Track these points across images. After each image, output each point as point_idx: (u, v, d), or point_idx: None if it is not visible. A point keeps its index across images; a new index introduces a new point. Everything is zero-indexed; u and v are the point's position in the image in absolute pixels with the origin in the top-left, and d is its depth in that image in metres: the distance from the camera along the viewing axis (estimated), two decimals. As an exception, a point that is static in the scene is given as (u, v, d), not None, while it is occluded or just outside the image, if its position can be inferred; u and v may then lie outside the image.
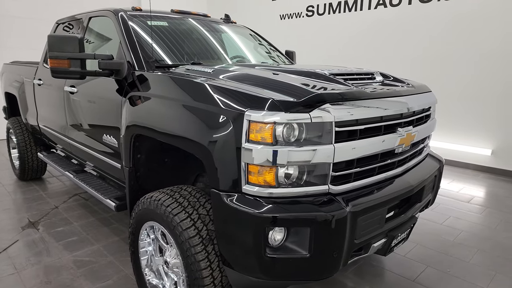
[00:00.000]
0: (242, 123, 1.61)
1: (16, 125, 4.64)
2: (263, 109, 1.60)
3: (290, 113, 1.59)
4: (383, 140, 1.89)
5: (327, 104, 1.66)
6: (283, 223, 1.60)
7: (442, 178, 5.24)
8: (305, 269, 1.69)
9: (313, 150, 1.62)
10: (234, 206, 1.64)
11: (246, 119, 1.60)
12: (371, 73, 2.36)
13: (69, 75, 2.38)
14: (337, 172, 1.73)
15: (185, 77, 2.06)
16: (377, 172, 1.96)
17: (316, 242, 1.63)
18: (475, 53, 5.38)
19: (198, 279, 1.81)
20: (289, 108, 1.60)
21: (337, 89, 1.85)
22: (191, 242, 1.81)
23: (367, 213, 1.78)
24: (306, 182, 1.70)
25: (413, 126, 2.12)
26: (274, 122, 1.57)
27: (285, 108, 1.59)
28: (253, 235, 1.61)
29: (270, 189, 1.64)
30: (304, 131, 1.62)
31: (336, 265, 1.72)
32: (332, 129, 1.65)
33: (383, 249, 2.05)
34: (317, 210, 1.61)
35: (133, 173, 2.39)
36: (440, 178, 2.58)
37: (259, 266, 1.66)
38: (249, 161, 1.62)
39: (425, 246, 3.21)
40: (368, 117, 1.81)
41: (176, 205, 1.93)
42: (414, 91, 2.27)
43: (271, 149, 1.58)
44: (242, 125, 1.61)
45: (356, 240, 1.76)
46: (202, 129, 1.78)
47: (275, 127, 1.58)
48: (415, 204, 2.23)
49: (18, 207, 4.07)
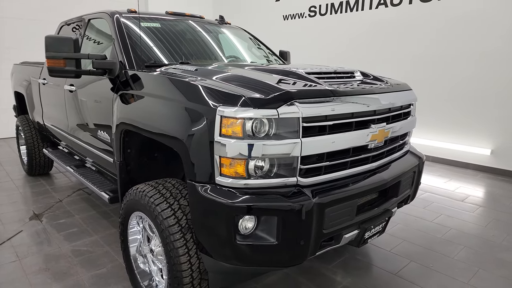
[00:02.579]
0: (215, 118, 1.73)
1: (24, 123, 4.86)
2: (234, 105, 1.71)
3: (259, 109, 1.70)
4: (354, 136, 1.98)
5: (295, 101, 1.76)
6: (251, 212, 1.71)
7: (439, 177, 5.32)
8: (274, 256, 1.79)
9: (281, 145, 1.73)
10: (207, 196, 1.76)
11: (219, 115, 1.72)
12: (351, 71, 2.44)
13: (65, 74, 2.53)
14: (305, 165, 1.83)
15: (166, 75, 2.19)
16: (349, 166, 2.05)
17: (283, 231, 1.73)
18: (475, 52, 5.38)
19: (177, 265, 1.93)
20: (258, 105, 1.71)
21: (308, 87, 1.94)
22: (171, 230, 1.94)
23: (336, 204, 1.87)
24: (276, 174, 1.80)
25: (388, 123, 2.20)
26: (244, 117, 1.68)
27: (254, 105, 1.70)
28: (224, 223, 1.73)
29: (241, 180, 1.75)
30: (273, 126, 1.73)
31: (304, 253, 1.82)
32: (299, 124, 1.75)
33: (356, 240, 2.14)
34: (283, 201, 1.72)
35: (123, 167, 2.53)
36: (420, 175, 2.64)
37: (230, 252, 1.77)
38: (222, 154, 1.73)
39: (411, 242, 3.27)
40: (338, 113, 1.90)
41: (158, 196, 2.06)
42: (391, 89, 2.35)
43: (242, 142, 1.69)
44: (214, 120, 1.73)
45: (324, 230, 1.86)
46: (179, 124, 1.91)
47: (245, 122, 1.69)
48: (390, 199, 2.30)
49: (25, 200, 4.28)
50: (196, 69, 2.28)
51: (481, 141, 5.53)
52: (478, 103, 5.48)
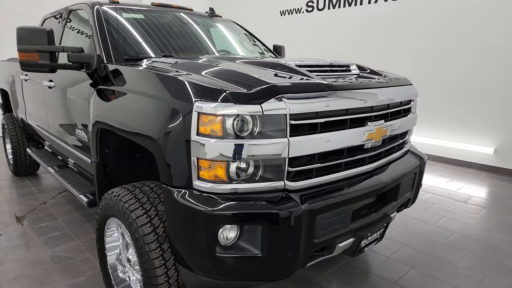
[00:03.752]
0: (191, 115, 1.54)
1: (10, 121, 4.68)
2: (213, 101, 1.52)
3: (240, 104, 1.51)
4: (348, 135, 1.79)
5: (282, 96, 1.57)
6: (231, 221, 1.52)
7: (440, 177, 5.13)
8: (259, 269, 1.61)
9: (266, 144, 1.54)
10: (183, 202, 1.57)
11: (196, 111, 1.53)
12: (347, 65, 2.25)
13: (39, 69, 2.34)
14: (294, 168, 1.64)
15: (140, 68, 1.99)
16: (344, 168, 1.86)
17: (268, 241, 1.55)
18: (478, 48, 5.18)
19: (152, 278, 1.75)
20: (240, 100, 1.52)
21: (297, 80, 1.75)
22: (146, 239, 1.75)
23: (328, 211, 1.68)
24: (262, 177, 1.62)
25: (386, 120, 2.01)
26: (224, 114, 1.49)
27: (235, 100, 1.51)
28: (201, 233, 1.54)
29: (221, 185, 1.56)
30: (257, 124, 1.54)
31: (292, 265, 1.63)
32: (287, 122, 1.56)
33: (351, 249, 1.96)
34: (268, 208, 1.53)
35: (101, 168, 2.34)
36: (421, 176, 2.45)
37: (209, 265, 1.59)
38: (199, 156, 1.54)
39: (412, 247, 3.08)
40: (330, 110, 1.71)
41: (134, 201, 1.87)
42: (390, 83, 2.15)
43: (222, 142, 1.50)
44: (191, 117, 1.54)
45: (315, 239, 1.67)
46: (152, 122, 1.72)
47: (225, 119, 1.50)
48: (389, 203, 2.12)
49: (8, 202, 4.09)
50: (176, 61, 2.09)
51: (484, 139, 5.34)
52: (481, 100, 5.28)
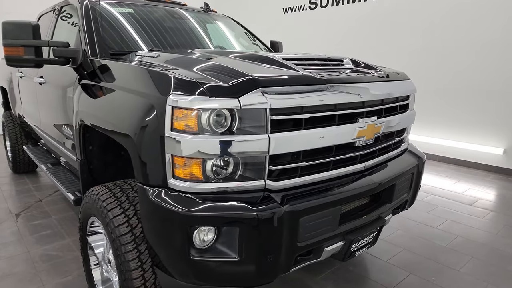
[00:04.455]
0: (165, 109, 1.45)
1: (9, 119, 4.67)
2: (187, 94, 1.43)
3: (216, 98, 1.41)
4: (337, 132, 1.68)
5: (262, 89, 1.47)
6: (207, 222, 1.43)
7: (445, 178, 4.96)
8: (237, 274, 1.51)
9: (245, 141, 1.44)
10: (156, 202, 1.49)
11: (169, 105, 1.44)
12: (340, 59, 2.14)
13: (24, 64, 2.28)
14: (275, 166, 1.54)
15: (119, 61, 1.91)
16: (332, 167, 1.75)
17: (246, 245, 1.45)
18: (487, 43, 4.99)
19: (128, 281, 1.67)
20: (216, 93, 1.42)
21: (281, 73, 1.65)
22: (122, 240, 1.67)
23: (313, 213, 1.58)
24: (241, 176, 1.52)
25: (379, 117, 1.89)
26: (199, 108, 1.40)
27: (211, 93, 1.42)
28: (175, 235, 1.46)
29: (197, 184, 1.47)
30: (235, 119, 1.44)
31: (273, 270, 1.53)
32: (267, 117, 1.46)
33: (340, 253, 1.85)
34: (245, 209, 1.43)
35: (85, 166, 2.28)
36: (420, 177, 2.32)
37: (184, 269, 1.50)
38: (174, 152, 1.45)
39: (412, 251, 2.95)
40: (316, 104, 1.60)
41: (112, 200, 1.79)
42: (384, 78, 2.04)
43: (197, 139, 1.41)
44: (164, 111, 1.45)
45: (299, 243, 1.57)
46: (126, 117, 1.64)
47: (201, 114, 1.41)
48: (383, 205, 2.00)
49: (5, 199, 4.07)
50: (158, 55, 2.01)
51: (493, 140, 5.15)
52: (491, 99, 5.09)
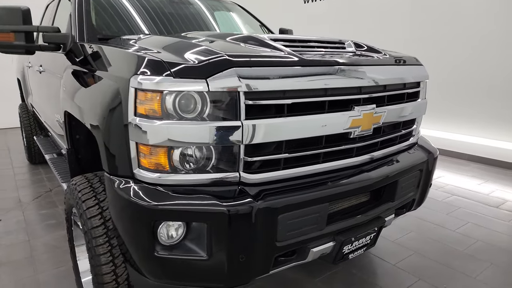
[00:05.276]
0: (128, 91, 1.33)
1: (24, 110, 4.76)
2: (150, 74, 1.30)
3: (182, 79, 1.27)
4: (325, 120, 1.50)
5: (235, 70, 1.31)
6: (171, 217, 1.30)
7: (471, 178, 4.59)
8: (206, 274, 1.38)
9: (214, 128, 1.29)
10: (119, 193, 1.38)
11: (132, 87, 1.32)
12: (341, 41, 1.94)
13: (14, 50, 2.24)
14: (253, 157, 1.38)
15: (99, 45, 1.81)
16: (322, 160, 1.58)
17: (214, 243, 1.31)
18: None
19: (99, 276, 1.57)
20: (182, 73, 1.28)
21: (261, 53, 1.49)
22: (93, 233, 1.58)
23: (295, 210, 1.42)
24: (215, 167, 1.38)
25: (379, 105, 1.69)
26: (163, 90, 1.27)
27: (177, 73, 1.28)
28: (139, 230, 1.34)
29: (164, 175, 1.34)
30: (206, 103, 1.30)
31: (247, 271, 1.39)
32: (240, 101, 1.31)
33: (331, 255, 1.67)
34: (213, 204, 1.29)
35: (72, 156, 2.21)
36: (430, 174, 2.09)
37: (150, 266, 1.38)
38: (139, 140, 1.33)
39: (424, 255, 2.70)
40: (301, 88, 1.43)
41: (88, 191, 1.71)
42: (389, 62, 1.82)
43: (162, 125, 1.28)
44: (127, 94, 1.33)
45: (278, 242, 1.41)
46: (95, 101, 1.53)
47: (165, 97, 1.28)
48: (383, 203, 1.80)
49: (16, 188, 4.15)
50: (139, 37, 1.90)
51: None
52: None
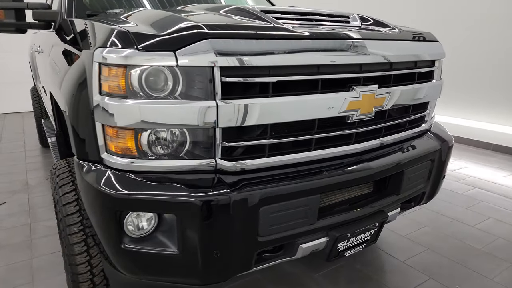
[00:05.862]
0: (92, 67, 1.19)
1: (34, 93, 4.78)
2: (115, 47, 1.16)
3: (149, 52, 1.12)
4: (316, 102, 1.32)
5: (210, 42, 1.15)
6: (137, 207, 1.17)
7: (497, 169, 4.25)
8: (179, 270, 1.25)
9: (184, 109, 1.15)
10: (86, 179, 1.26)
11: (95, 61, 1.18)
12: (345, 15, 1.73)
13: (4, 28, 2.16)
14: (231, 142, 1.23)
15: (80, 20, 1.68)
16: (314, 146, 1.40)
17: (185, 236, 1.18)
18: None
19: (73, 266, 1.48)
20: (149, 46, 1.13)
21: (245, 24, 1.31)
22: (67, 221, 1.48)
23: (279, 201, 1.26)
24: (190, 153, 1.24)
25: (381, 86, 1.48)
26: (126, 65, 1.12)
27: (142, 45, 1.13)
28: (104, 219, 1.22)
29: (133, 160, 1.21)
30: (178, 80, 1.15)
31: (224, 268, 1.25)
32: (215, 78, 1.15)
33: (324, 252, 1.51)
34: (182, 193, 1.15)
35: (61, 138, 2.12)
36: (443, 164, 1.87)
37: (118, 259, 1.27)
38: (103, 121, 1.20)
39: (437, 252, 2.50)
40: (289, 65, 1.26)
41: (66, 176, 1.61)
42: (397, 36, 1.61)
43: (126, 104, 1.14)
44: (91, 70, 1.20)
45: (260, 237, 1.27)
46: (63, 79, 1.41)
47: (130, 72, 1.13)
48: (386, 196, 1.61)
49: (25, 171, 4.18)
50: (121, 10, 1.75)
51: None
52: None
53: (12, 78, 7.13)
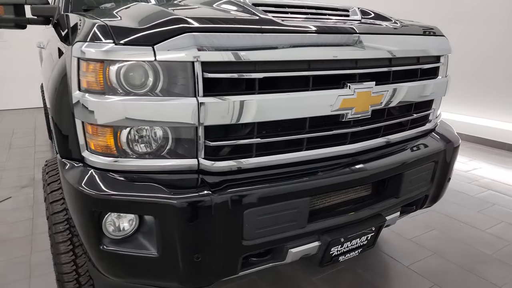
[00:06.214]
0: (71, 62, 1.16)
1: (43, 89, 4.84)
2: (93, 41, 1.11)
3: (126, 46, 1.08)
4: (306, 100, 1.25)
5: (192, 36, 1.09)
6: (114, 208, 1.13)
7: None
8: (160, 274, 1.21)
9: (164, 106, 1.10)
10: (66, 178, 1.23)
11: (74, 56, 1.14)
12: (344, 9, 1.65)
13: (4, 24, 2.16)
14: (215, 142, 1.17)
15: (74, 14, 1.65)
16: (306, 146, 1.33)
17: (165, 239, 1.13)
18: None
19: (58, 265, 1.46)
20: (127, 39, 1.08)
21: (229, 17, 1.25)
22: (54, 219, 1.46)
23: (266, 204, 1.20)
24: (173, 152, 1.19)
25: (380, 83, 1.40)
26: (103, 59, 1.08)
27: (120, 39, 1.08)
28: (83, 219, 1.19)
29: (112, 159, 1.17)
30: (158, 76, 1.10)
31: (207, 272, 1.20)
32: (196, 74, 1.09)
33: (317, 257, 1.44)
34: (160, 195, 1.10)
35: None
36: (448, 166, 1.76)
37: (98, 260, 1.23)
38: (83, 119, 1.16)
39: (444, 257, 2.39)
40: (276, 60, 1.19)
41: (55, 173, 1.59)
42: (399, 31, 1.51)
43: (104, 100, 1.10)
44: (71, 65, 1.16)
45: (245, 241, 1.21)
46: (48, 75, 1.38)
47: (107, 67, 1.09)
48: (384, 200, 1.53)
49: (33, 166, 4.23)
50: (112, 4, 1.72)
51: None
52: None
53: (27, 73, 7.25)
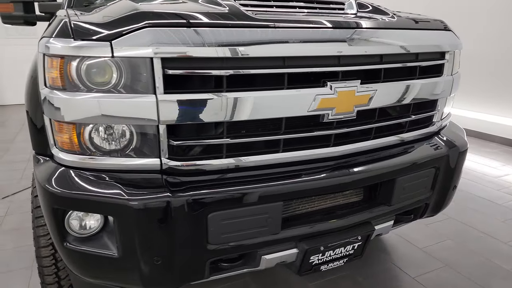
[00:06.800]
0: (38, 58, 1.16)
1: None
2: (57, 37, 1.10)
3: (84, 41, 1.05)
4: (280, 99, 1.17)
5: (152, 31, 1.04)
6: (74, 206, 1.11)
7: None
8: (122, 275, 1.19)
9: (123, 103, 1.06)
10: (35, 173, 1.23)
11: (40, 52, 1.14)
12: (338, 2, 1.53)
13: (14, 21, 2.26)
14: (180, 141, 1.12)
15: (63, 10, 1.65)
16: (283, 148, 1.25)
17: (123, 240, 1.10)
18: None
19: (39, 258, 1.48)
20: (86, 35, 1.06)
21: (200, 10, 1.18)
22: (36, 213, 1.48)
23: (232, 207, 1.14)
24: (137, 151, 1.15)
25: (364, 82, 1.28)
26: (63, 55, 1.06)
27: (78, 35, 1.06)
28: (47, 216, 1.19)
29: (77, 156, 1.15)
30: (121, 72, 1.07)
31: (169, 276, 1.16)
32: (154, 70, 1.05)
33: (295, 265, 1.35)
34: (118, 194, 1.07)
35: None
36: (452, 173, 1.60)
37: (64, 258, 1.23)
38: (49, 115, 1.16)
39: (456, 270, 2.20)
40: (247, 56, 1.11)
41: (43, 167, 1.61)
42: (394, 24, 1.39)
43: (64, 97, 1.08)
44: (38, 61, 1.16)
45: (210, 245, 1.16)
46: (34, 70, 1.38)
47: (68, 63, 1.06)
48: (374, 207, 1.42)
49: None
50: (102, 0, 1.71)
51: None
52: None
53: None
